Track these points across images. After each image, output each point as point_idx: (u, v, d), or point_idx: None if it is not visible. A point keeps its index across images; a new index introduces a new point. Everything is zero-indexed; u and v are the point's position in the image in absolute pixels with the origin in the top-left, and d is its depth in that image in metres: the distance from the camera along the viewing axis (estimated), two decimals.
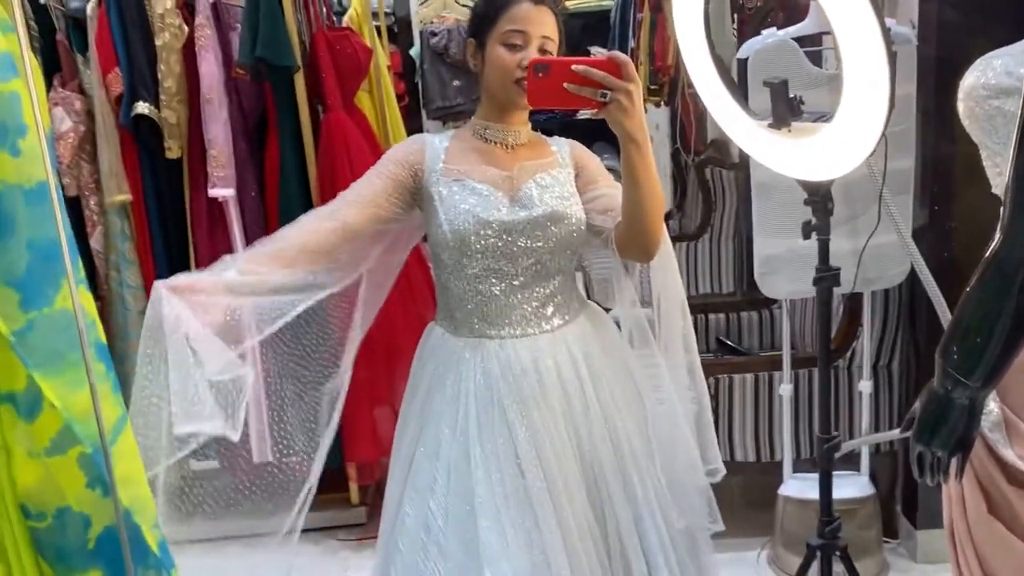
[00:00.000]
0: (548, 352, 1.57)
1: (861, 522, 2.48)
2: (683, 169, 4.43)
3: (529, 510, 1.49)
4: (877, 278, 2.34)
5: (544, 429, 1.53)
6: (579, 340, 1.61)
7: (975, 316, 1.02)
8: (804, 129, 1.50)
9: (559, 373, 1.56)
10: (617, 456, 1.57)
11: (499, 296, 1.57)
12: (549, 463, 1.51)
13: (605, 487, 1.56)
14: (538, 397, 1.54)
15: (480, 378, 1.57)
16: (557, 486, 1.51)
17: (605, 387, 1.60)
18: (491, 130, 1.62)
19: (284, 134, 2.76)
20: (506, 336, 1.57)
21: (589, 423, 1.56)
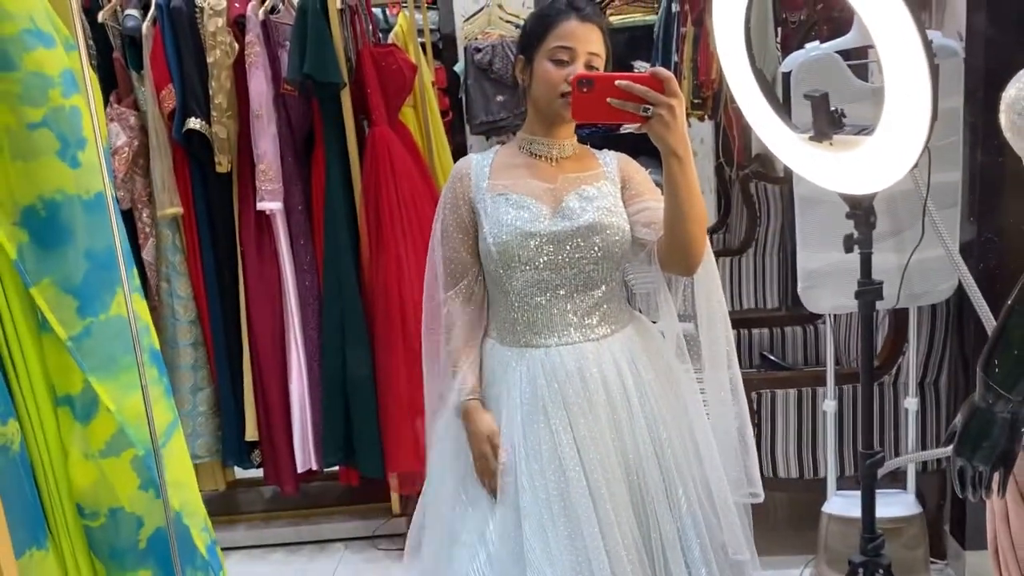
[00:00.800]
0: (593, 360, 1.59)
1: (907, 541, 2.43)
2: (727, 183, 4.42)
3: (573, 516, 1.50)
4: (923, 293, 2.30)
5: (589, 436, 1.54)
6: (625, 350, 1.62)
7: (1017, 332, 1.01)
8: (846, 142, 1.50)
9: (604, 381, 1.58)
10: (661, 467, 1.58)
11: (544, 305, 1.60)
12: (594, 470, 1.53)
13: (649, 497, 1.56)
14: (583, 404, 1.56)
15: (526, 386, 1.59)
16: (601, 493, 1.52)
17: (650, 398, 1.60)
18: (537, 144, 1.65)
19: (330, 149, 2.81)
20: (551, 344, 1.60)
21: (634, 432, 1.57)
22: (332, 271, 2.83)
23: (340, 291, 2.82)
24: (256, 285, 2.85)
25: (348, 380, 2.84)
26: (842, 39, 2.14)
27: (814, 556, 2.61)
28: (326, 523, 3.05)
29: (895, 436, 2.54)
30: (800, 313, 3.16)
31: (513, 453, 1.57)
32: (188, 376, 2.86)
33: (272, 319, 2.87)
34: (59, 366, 1.09)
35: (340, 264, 2.82)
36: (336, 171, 2.82)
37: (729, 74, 1.63)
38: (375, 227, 2.80)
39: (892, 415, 2.54)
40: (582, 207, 1.59)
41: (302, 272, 2.88)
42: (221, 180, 2.82)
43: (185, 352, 2.86)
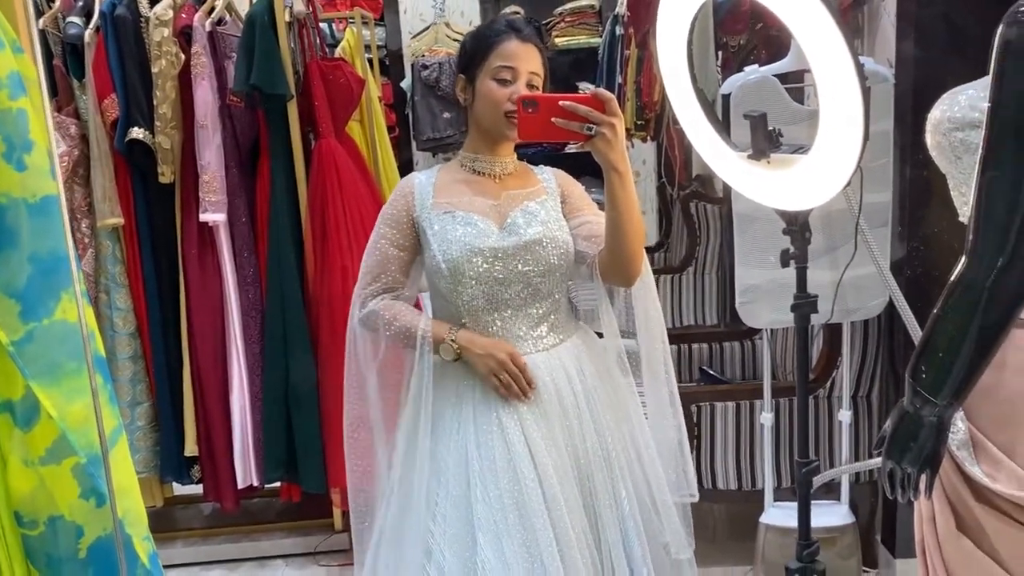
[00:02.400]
0: (545, 370, 1.62)
1: (841, 551, 2.50)
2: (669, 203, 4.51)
3: (528, 525, 1.53)
4: (856, 309, 2.39)
5: (543, 444, 1.58)
6: (573, 358, 1.66)
7: (943, 337, 1.06)
8: (783, 161, 1.55)
9: (556, 390, 1.62)
10: (608, 472, 1.62)
11: (494, 319, 1.63)
12: (548, 477, 1.56)
13: (596, 501, 1.60)
14: (536, 413, 1.60)
15: (479, 396, 1.62)
16: (556, 500, 1.55)
17: (597, 404, 1.65)
18: (480, 162, 1.69)
19: (276, 161, 2.80)
20: None
21: (584, 438, 1.61)
22: (275, 284, 2.81)
23: (283, 304, 2.80)
24: (198, 298, 2.81)
25: (290, 394, 2.82)
26: (779, 63, 2.23)
27: (752, 566, 2.67)
28: (266, 539, 3.00)
29: (829, 448, 2.62)
30: (738, 329, 3.24)
31: (466, 464, 1.58)
32: (126, 389, 2.81)
33: (213, 332, 2.83)
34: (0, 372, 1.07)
35: (284, 277, 2.80)
36: (281, 183, 2.81)
37: (672, 93, 1.68)
38: (320, 239, 2.79)
39: (827, 428, 2.61)
40: (527, 222, 1.64)
41: (245, 285, 2.85)
42: (163, 191, 2.78)
43: (124, 365, 2.80)
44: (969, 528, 1.14)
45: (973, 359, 1.04)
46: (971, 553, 1.13)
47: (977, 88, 1.15)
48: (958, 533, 1.15)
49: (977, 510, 1.12)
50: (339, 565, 2.89)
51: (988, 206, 1.00)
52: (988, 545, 1.12)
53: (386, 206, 1.72)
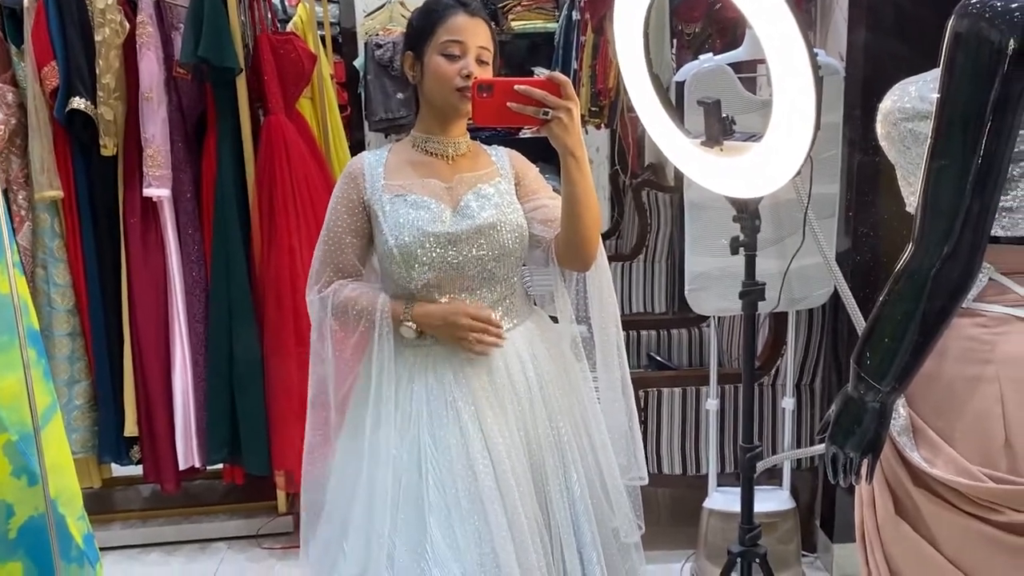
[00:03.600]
0: (499, 354, 1.61)
1: (781, 536, 2.55)
2: (621, 191, 4.53)
3: (480, 510, 1.52)
4: (802, 298, 2.42)
5: (497, 428, 1.57)
6: (527, 342, 1.66)
7: (888, 323, 1.08)
8: (735, 148, 1.56)
9: (509, 373, 1.61)
10: (559, 457, 1.62)
11: (447, 303, 1.61)
12: (501, 462, 1.55)
13: (547, 485, 1.60)
14: (490, 397, 1.59)
15: (432, 382, 1.60)
16: (509, 484, 1.54)
17: (550, 387, 1.64)
18: (431, 142, 1.66)
19: (223, 136, 2.73)
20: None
21: (536, 422, 1.61)
22: (221, 262, 2.75)
23: (229, 283, 2.75)
24: (140, 274, 2.74)
25: (235, 375, 2.77)
26: (734, 52, 2.25)
27: (695, 550, 2.70)
28: (208, 522, 2.95)
29: (772, 435, 2.66)
30: (686, 316, 3.27)
31: (419, 449, 1.57)
32: (64, 367, 2.73)
33: (156, 310, 2.77)
34: None
35: (230, 255, 2.74)
36: (228, 159, 2.74)
37: (627, 78, 1.68)
38: (268, 217, 2.74)
39: (770, 415, 2.66)
40: (480, 206, 1.61)
41: (189, 263, 2.79)
42: (105, 164, 2.70)
43: (61, 342, 2.72)
44: (907, 512, 1.17)
45: (916, 346, 1.06)
46: (909, 536, 1.16)
47: (927, 79, 1.16)
48: (897, 517, 1.17)
49: (915, 494, 1.15)
50: (282, 548, 2.86)
51: (935, 195, 1.01)
52: (925, 528, 1.15)
53: (336, 190, 1.68)
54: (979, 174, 0.99)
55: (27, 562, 1.13)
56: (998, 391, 1.08)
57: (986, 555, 1.10)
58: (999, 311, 1.09)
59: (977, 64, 0.98)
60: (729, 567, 1.81)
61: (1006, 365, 1.08)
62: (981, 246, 1.02)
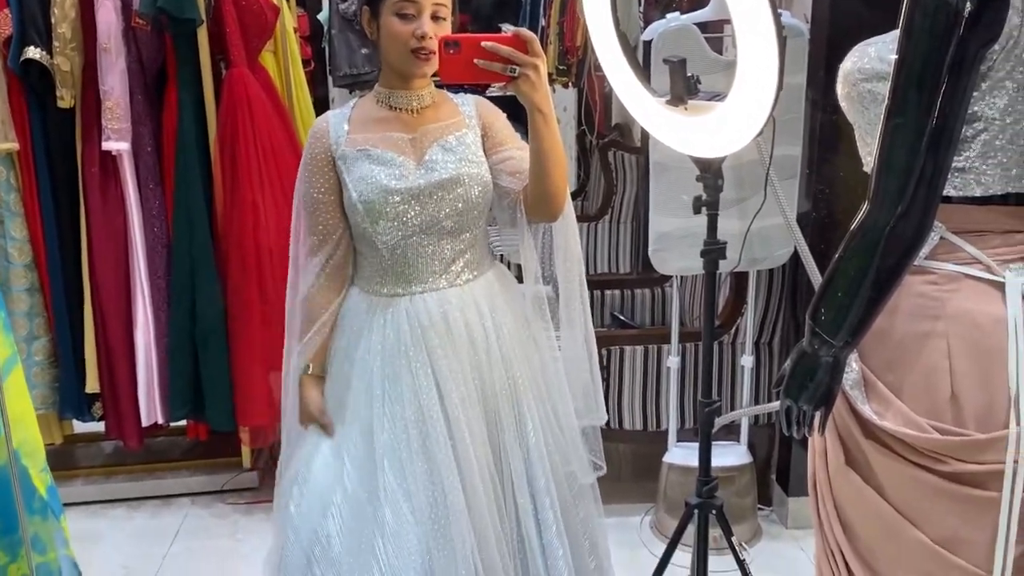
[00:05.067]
0: (456, 305, 1.63)
1: (738, 489, 2.62)
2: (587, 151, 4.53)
3: (431, 454, 1.56)
4: (763, 258, 2.46)
5: (451, 376, 1.59)
6: (486, 294, 1.68)
7: (842, 280, 1.11)
8: (700, 107, 1.58)
9: (467, 324, 1.63)
10: (514, 405, 1.65)
11: (410, 257, 1.63)
12: (454, 408, 1.58)
13: (501, 432, 1.63)
14: (445, 346, 1.61)
15: (389, 332, 1.62)
16: (461, 431, 1.57)
17: (507, 338, 1.67)
18: (395, 96, 1.65)
19: (184, 89, 2.69)
20: (416, 292, 1.64)
21: (491, 371, 1.64)
22: (183, 217, 2.72)
23: (191, 238, 2.72)
24: (100, 229, 2.70)
25: (198, 331, 2.75)
26: (701, 12, 2.25)
27: (655, 504, 2.77)
28: (171, 478, 2.96)
29: (731, 392, 2.72)
30: (650, 276, 3.31)
31: (370, 396, 1.60)
32: (23, 324, 2.69)
33: (116, 265, 2.74)
34: None
35: (191, 209, 2.72)
36: (189, 112, 2.70)
37: (594, 36, 1.68)
38: (230, 172, 2.70)
39: (730, 372, 2.71)
40: (444, 159, 1.62)
41: (150, 217, 2.75)
42: (63, 116, 2.64)
43: (19, 298, 2.69)
44: (857, 463, 1.21)
45: (870, 302, 1.09)
46: (858, 486, 1.20)
47: (886, 41, 1.18)
48: (847, 468, 1.22)
49: (865, 446, 1.19)
50: (246, 503, 2.88)
51: (890, 154, 1.04)
52: (874, 479, 1.19)
53: (304, 152, 1.68)
54: (933, 134, 1.02)
55: None
56: (946, 347, 1.12)
57: (931, 503, 1.14)
58: (949, 269, 1.12)
59: (934, 26, 1.00)
60: (686, 518, 1.86)
61: (955, 322, 1.12)
62: (934, 205, 1.05)
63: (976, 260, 1.11)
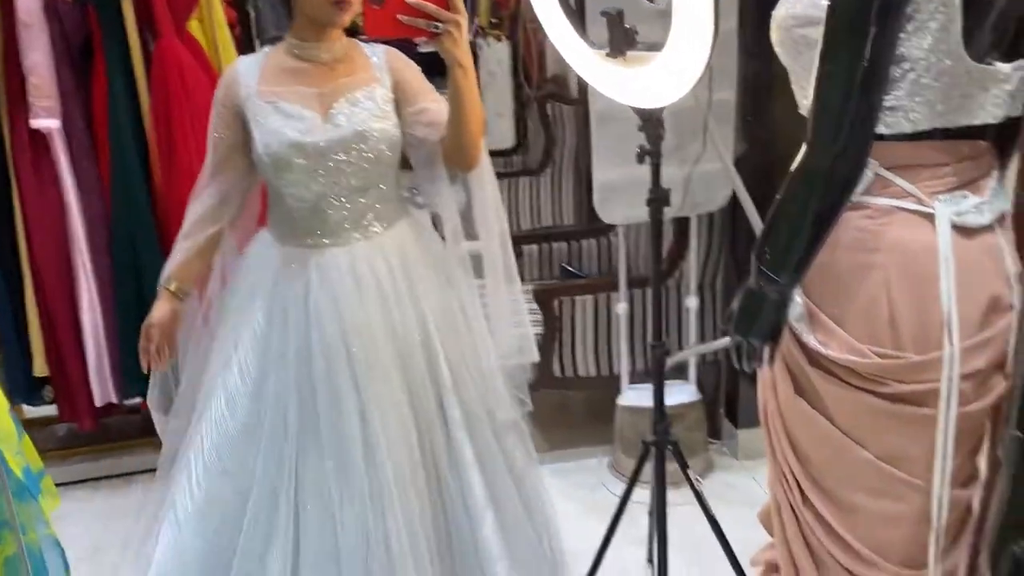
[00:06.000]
0: (364, 258, 1.68)
1: (689, 425, 2.72)
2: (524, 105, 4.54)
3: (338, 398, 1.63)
4: (703, 202, 2.53)
5: (355, 327, 1.64)
6: (397, 245, 1.72)
7: (785, 220, 1.17)
8: (638, 58, 1.61)
9: (376, 276, 1.67)
10: (428, 350, 1.70)
11: (318, 210, 1.66)
12: (361, 362, 1.63)
13: (416, 375, 1.69)
14: (352, 298, 1.65)
15: (298, 285, 1.66)
16: (365, 378, 1.63)
17: (418, 287, 1.71)
18: (307, 48, 1.66)
19: (112, 62, 2.62)
20: (326, 245, 1.68)
21: (404, 321, 1.68)
22: (120, 192, 2.67)
23: (130, 213, 2.68)
24: (36, 209, 2.64)
25: (146, 305, 2.72)
26: None
27: (611, 445, 2.86)
28: (129, 456, 2.94)
29: (679, 333, 2.81)
30: (594, 227, 3.36)
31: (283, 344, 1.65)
32: None
33: (56, 245, 2.68)
34: None
35: (129, 185, 2.67)
36: (120, 86, 2.64)
37: None
38: (166, 143, 2.66)
39: (676, 314, 2.80)
40: (352, 113, 1.64)
41: (87, 195, 2.69)
42: None
43: None
44: (805, 391, 1.28)
45: (812, 239, 1.15)
46: (807, 413, 1.28)
47: None
48: (796, 397, 1.29)
49: (812, 375, 1.26)
50: None
51: (826, 97, 1.09)
52: (821, 405, 1.27)
53: (215, 95, 1.72)
54: (865, 76, 1.07)
55: None
56: (884, 276, 1.19)
57: (873, 423, 1.22)
58: (884, 203, 1.19)
59: None
60: (644, 456, 1.94)
61: (891, 252, 1.18)
62: (868, 143, 1.11)
63: (908, 194, 1.18)
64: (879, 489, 1.24)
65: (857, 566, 1.27)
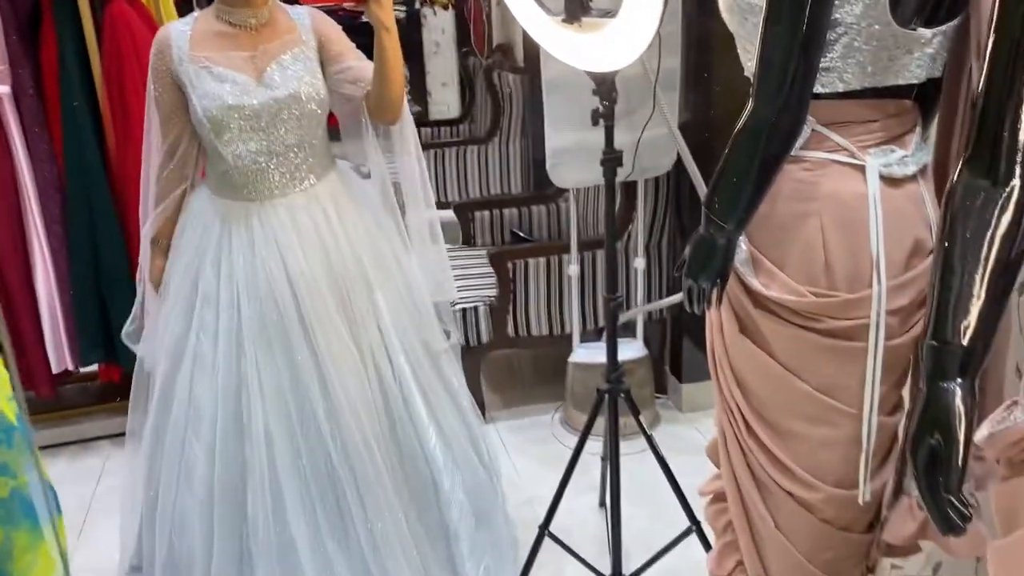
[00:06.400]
0: (303, 208, 1.87)
1: (637, 380, 2.85)
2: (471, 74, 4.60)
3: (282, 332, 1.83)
4: (650, 167, 2.64)
5: (299, 271, 1.83)
6: (330, 194, 1.91)
7: (732, 171, 1.27)
8: (592, 24, 1.70)
9: (314, 223, 1.87)
10: (365, 286, 1.89)
11: (255, 167, 1.83)
12: (304, 298, 1.83)
13: (355, 310, 1.88)
14: (295, 246, 1.82)
15: (243, 233, 1.85)
16: (308, 310, 1.83)
17: (352, 231, 1.90)
18: (235, 14, 1.81)
19: (62, 27, 2.62)
20: (266, 198, 1.86)
21: (343, 262, 1.88)
22: (74, 159, 2.68)
23: (85, 178, 2.69)
24: None
25: (102, 274, 2.74)
26: None
27: (562, 402, 2.98)
28: (88, 422, 2.96)
29: (627, 292, 2.93)
30: (543, 193, 3.46)
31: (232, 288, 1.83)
32: None
33: (8, 214, 2.67)
34: None
35: (83, 151, 2.68)
36: (71, 51, 2.64)
37: None
38: (120, 109, 2.67)
39: (624, 275, 2.92)
40: (282, 76, 1.81)
41: (39, 162, 2.69)
42: None
43: None
44: (749, 330, 1.40)
45: (755, 188, 1.26)
46: (750, 350, 1.39)
47: None
48: (741, 335, 1.40)
49: (755, 314, 1.37)
50: None
51: (769, 56, 1.19)
52: (763, 342, 1.38)
53: (151, 63, 1.83)
54: (804, 38, 1.18)
55: None
56: (819, 223, 1.30)
57: (811, 356, 1.35)
58: (820, 156, 1.30)
59: None
60: (598, 403, 2.05)
61: (826, 201, 1.30)
62: (807, 99, 1.22)
63: (842, 148, 1.29)
64: (816, 417, 1.37)
65: (796, 488, 1.40)
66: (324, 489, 1.84)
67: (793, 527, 1.43)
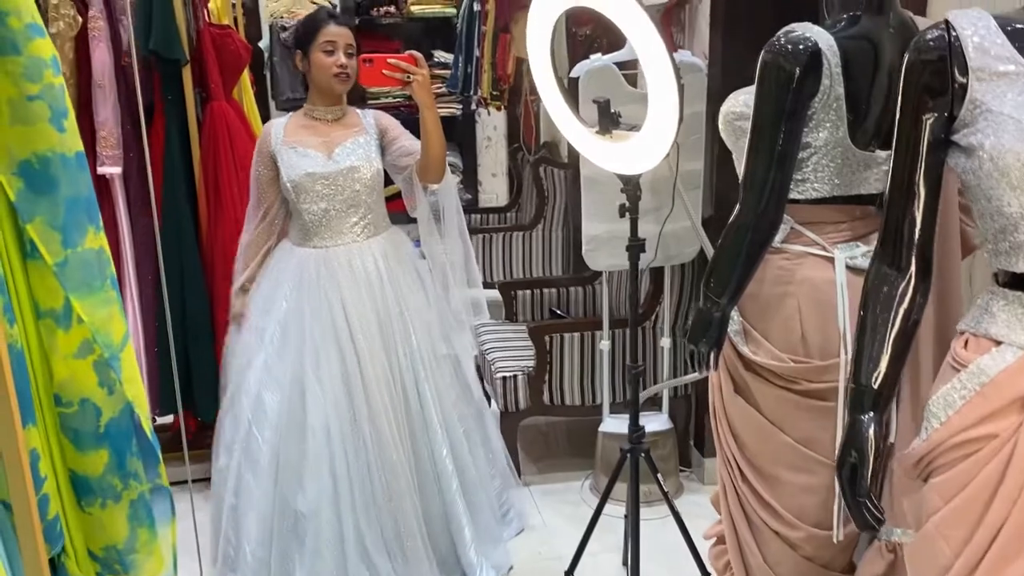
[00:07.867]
0: (357, 254, 2.45)
1: (662, 453, 3.09)
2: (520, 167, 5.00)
3: (339, 354, 2.37)
4: (675, 255, 2.95)
5: (353, 303, 2.40)
6: (381, 248, 2.48)
7: (724, 259, 1.57)
8: (621, 135, 2.04)
9: (365, 268, 2.44)
10: (403, 324, 2.45)
11: (324, 220, 2.43)
12: (356, 331, 2.38)
13: (395, 345, 2.43)
14: (350, 282, 2.41)
15: (312, 271, 2.42)
16: (359, 340, 2.38)
17: (397, 280, 2.47)
18: (317, 112, 2.47)
19: (171, 119, 3.04)
20: (329, 245, 2.44)
21: (385, 301, 2.43)
22: (172, 233, 3.06)
23: (180, 251, 3.07)
24: None
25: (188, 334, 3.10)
26: (618, 53, 2.73)
27: (592, 470, 3.22)
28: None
29: (654, 369, 3.20)
30: (581, 276, 3.78)
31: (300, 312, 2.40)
32: None
33: None
34: (44, 287, 1.38)
35: (180, 225, 3.06)
36: (175, 141, 3.06)
37: (538, 80, 2.12)
38: (214, 192, 3.07)
39: (651, 353, 3.19)
40: (347, 153, 2.43)
41: (140, 234, 3.08)
42: None
43: None
44: (742, 390, 1.67)
45: (743, 273, 1.56)
46: (743, 407, 1.67)
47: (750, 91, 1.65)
48: (735, 394, 1.68)
49: (746, 376, 1.65)
50: None
51: (752, 171, 1.51)
52: (753, 400, 1.65)
53: (257, 144, 2.50)
54: (780, 157, 1.49)
55: (110, 450, 1.51)
56: (797, 303, 1.59)
57: (793, 413, 1.61)
58: (798, 249, 1.60)
59: (778, 84, 1.47)
60: (620, 462, 2.31)
61: (802, 285, 1.59)
62: (783, 205, 1.53)
63: (815, 242, 1.59)
64: (797, 465, 1.63)
65: (782, 527, 1.65)
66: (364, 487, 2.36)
67: (779, 561, 1.67)
